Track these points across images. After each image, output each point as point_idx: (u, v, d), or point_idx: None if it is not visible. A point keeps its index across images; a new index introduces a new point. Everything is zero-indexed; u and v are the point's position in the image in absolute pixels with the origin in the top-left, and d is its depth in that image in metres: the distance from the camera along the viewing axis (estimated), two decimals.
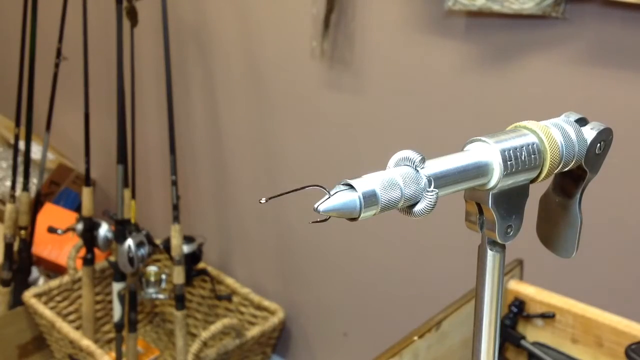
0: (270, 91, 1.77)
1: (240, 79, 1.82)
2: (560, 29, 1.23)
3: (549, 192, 0.42)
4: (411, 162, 0.33)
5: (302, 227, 1.79)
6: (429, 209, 0.33)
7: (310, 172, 1.75)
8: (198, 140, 2.00)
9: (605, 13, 1.17)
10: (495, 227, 0.37)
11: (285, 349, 1.98)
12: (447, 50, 1.40)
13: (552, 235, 0.42)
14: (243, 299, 1.95)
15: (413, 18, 1.44)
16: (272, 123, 1.80)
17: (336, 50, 1.58)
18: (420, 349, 0.82)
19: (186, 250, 1.80)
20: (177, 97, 1.85)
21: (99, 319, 1.99)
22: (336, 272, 1.80)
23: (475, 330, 0.40)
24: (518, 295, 0.94)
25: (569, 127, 0.38)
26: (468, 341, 0.44)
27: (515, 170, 0.35)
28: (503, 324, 0.93)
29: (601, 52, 1.21)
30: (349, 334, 1.83)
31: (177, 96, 1.89)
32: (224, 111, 1.90)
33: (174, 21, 1.75)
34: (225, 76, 1.85)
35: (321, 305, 1.88)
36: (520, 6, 1.20)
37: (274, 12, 1.70)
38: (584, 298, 0.92)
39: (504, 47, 1.32)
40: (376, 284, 1.71)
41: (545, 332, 0.93)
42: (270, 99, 1.78)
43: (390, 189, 0.31)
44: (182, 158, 1.97)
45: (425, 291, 1.58)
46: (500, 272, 0.39)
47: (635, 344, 0.82)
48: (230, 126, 1.90)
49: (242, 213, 1.97)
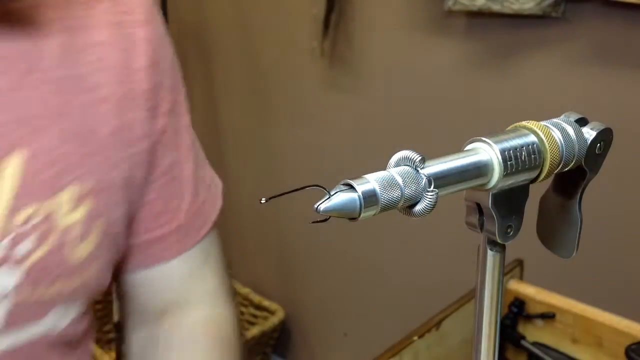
0: (270, 91, 1.77)
1: (240, 79, 1.82)
2: (560, 29, 1.23)
3: (549, 192, 0.42)
4: (411, 162, 0.33)
5: (302, 227, 1.79)
6: (429, 209, 0.33)
7: (310, 172, 1.75)
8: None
9: (605, 13, 1.17)
10: (495, 227, 0.37)
11: (285, 349, 1.98)
12: (447, 50, 1.40)
13: (552, 235, 0.42)
14: (243, 299, 1.95)
15: (413, 18, 1.44)
16: (272, 123, 1.80)
17: (336, 50, 1.58)
18: (420, 349, 0.82)
19: None
20: None
21: (99, 319, 1.99)
22: (336, 272, 1.80)
23: (475, 330, 0.40)
24: (518, 295, 0.94)
25: (569, 127, 0.38)
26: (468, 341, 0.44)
27: (515, 170, 0.35)
28: (503, 324, 0.93)
29: (601, 52, 1.21)
30: (349, 334, 1.83)
31: None
32: (223, 111, 1.90)
33: (174, 21, 1.75)
34: (225, 76, 1.85)
35: (321, 305, 1.88)
36: (520, 6, 1.20)
37: (274, 12, 1.70)
38: (584, 298, 0.91)
39: (504, 47, 1.33)
40: (376, 284, 1.71)
41: (545, 332, 0.92)
42: (270, 99, 1.78)
43: (390, 189, 0.31)
44: None
45: (425, 291, 1.58)
46: (500, 272, 0.39)
47: (635, 344, 0.81)
48: (230, 126, 1.90)
49: (242, 213, 1.97)
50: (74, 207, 0.56)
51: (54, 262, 0.55)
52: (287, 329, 1.95)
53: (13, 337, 0.55)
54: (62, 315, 0.58)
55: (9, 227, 0.53)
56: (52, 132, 0.54)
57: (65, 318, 0.59)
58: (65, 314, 0.59)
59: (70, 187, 0.55)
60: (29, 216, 0.53)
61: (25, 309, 0.55)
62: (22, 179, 0.53)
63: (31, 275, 0.54)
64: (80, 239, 0.57)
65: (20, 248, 0.53)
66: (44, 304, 0.56)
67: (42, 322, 0.57)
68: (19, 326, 0.56)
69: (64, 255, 0.56)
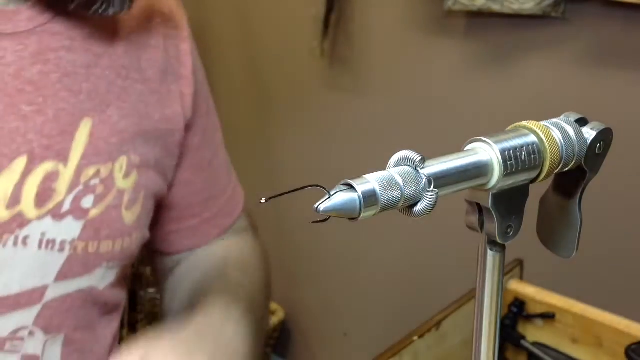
0: (270, 91, 1.77)
1: (240, 78, 1.82)
2: (560, 29, 1.23)
3: (549, 192, 0.42)
4: (411, 162, 0.33)
5: (302, 227, 1.79)
6: (428, 209, 0.33)
7: (310, 172, 1.75)
8: None
9: (605, 13, 1.17)
10: (495, 227, 0.37)
11: (285, 349, 1.98)
12: (447, 50, 1.41)
13: (552, 235, 0.42)
14: None
15: (413, 18, 1.44)
16: (272, 123, 1.80)
17: (336, 50, 1.58)
18: (420, 349, 0.82)
19: None
20: None
21: None
22: (336, 272, 1.80)
23: (475, 330, 0.40)
24: (518, 295, 0.94)
25: (569, 127, 0.38)
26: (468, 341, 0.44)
27: (515, 170, 0.35)
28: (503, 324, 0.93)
29: (601, 52, 1.21)
30: (349, 334, 1.83)
31: None
32: (223, 111, 1.90)
33: None
34: (225, 76, 1.85)
35: (321, 305, 1.88)
36: (520, 6, 1.20)
37: (274, 12, 1.71)
38: (584, 298, 0.91)
39: (504, 47, 1.33)
40: (376, 284, 1.71)
41: (545, 332, 0.92)
42: (270, 98, 1.78)
43: (390, 189, 0.31)
44: None
45: (425, 291, 1.58)
46: (500, 272, 0.39)
47: (635, 344, 0.82)
48: (230, 126, 1.90)
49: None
50: (126, 175, 0.64)
51: (111, 219, 0.63)
52: (287, 329, 1.95)
53: (63, 287, 0.62)
54: (103, 276, 0.65)
55: (77, 182, 0.61)
56: (113, 108, 0.64)
57: (105, 279, 0.66)
58: (106, 275, 0.66)
59: (124, 156, 0.64)
60: (93, 175, 0.62)
61: (79, 260, 0.62)
62: (89, 142, 0.62)
63: (91, 229, 0.62)
64: (131, 204, 0.65)
65: (84, 202, 0.61)
66: (95, 259, 0.63)
67: (88, 278, 0.63)
68: (70, 277, 0.62)
69: (119, 215, 0.64)
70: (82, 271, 0.63)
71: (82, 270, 0.63)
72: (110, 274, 0.66)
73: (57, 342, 0.64)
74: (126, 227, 0.65)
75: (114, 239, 0.64)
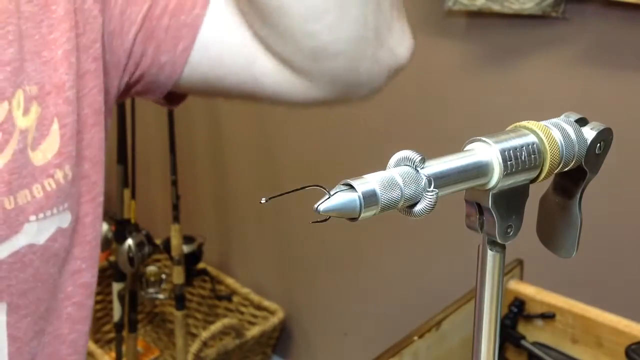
0: None
1: None
2: (560, 29, 1.23)
3: (549, 192, 0.42)
4: (411, 162, 0.33)
5: (302, 227, 1.79)
6: (429, 209, 0.33)
7: (311, 172, 1.75)
8: (198, 140, 2.00)
9: (605, 13, 1.17)
10: (495, 227, 0.37)
11: (285, 349, 1.98)
12: (447, 50, 1.40)
13: (552, 235, 0.42)
14: (243, 299, 1.95)
15: (413, 18, 1.43)
16: (272, 122, 1.80)
17: None
18: (420, 349, 0.82)
19: (186, 250, 1.80)
20: None
21: (99, 319, 1.99)
22: (336, 272, 1.80)
23: (475, 330, 0.40)
24: (518, 295, 0.94)
25: (569, 127, 0.38)
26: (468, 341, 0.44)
27: (515, 170, 0.35)
28: (503, 324, 0.93)
29: (601, 52, 1.21)
30: (349, 334, 1.83)
31: None
32: (223, 111, 1.90)
33: None
34: None
35: (321, 305, 1.88)
36: (520, 6, 1.20)
37: None
38: (584, 298, 0.92)
39: (504, 47, 1.32)
40: (376, 284, 1.71)
41: (545, 332, 0.93)
42: None
43: (390, 189, 0.31)
44: (182, 158, 1.97)
45: (425, 291, 1.58)
46: (500, 272, 0.39)
47: (635, 344, 0.82)
48: (230, 126, 1.90)
49: (242, 213, 1.97)
50: (25, 112, 0.56)
51: (19, 166, 0.56)
52: (287, 329, 1.95)
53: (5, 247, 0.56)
54: (38, 230, 0.58)
55: None
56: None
57: (44, 232, 0.58)
58: (42, 228, 0.58)
59: (19, 90, 0.56)
60: None
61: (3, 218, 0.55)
62: None
63: (4, 180, 0.55)
64: (38, 142, 0.57)
65: None
66: (17, 215, 0.56)
67: (17, 238, 0.56)
68: (3, 238, 0.56)
69: (27, 158, 0.56)
70: (8, 233, 0.56)
71: (8, 232, 0.56)
72: (48, 224, 0.58)
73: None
74: (39, 168, 0.57)
75: (29, 186, 0.56)
